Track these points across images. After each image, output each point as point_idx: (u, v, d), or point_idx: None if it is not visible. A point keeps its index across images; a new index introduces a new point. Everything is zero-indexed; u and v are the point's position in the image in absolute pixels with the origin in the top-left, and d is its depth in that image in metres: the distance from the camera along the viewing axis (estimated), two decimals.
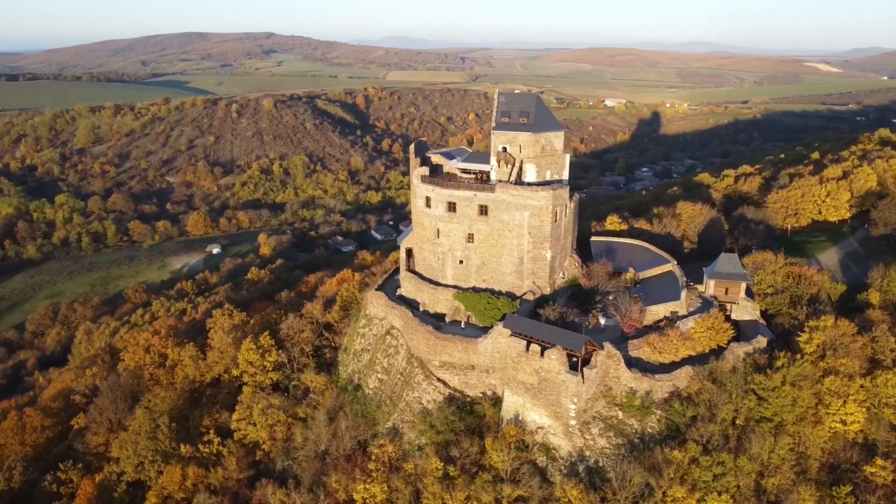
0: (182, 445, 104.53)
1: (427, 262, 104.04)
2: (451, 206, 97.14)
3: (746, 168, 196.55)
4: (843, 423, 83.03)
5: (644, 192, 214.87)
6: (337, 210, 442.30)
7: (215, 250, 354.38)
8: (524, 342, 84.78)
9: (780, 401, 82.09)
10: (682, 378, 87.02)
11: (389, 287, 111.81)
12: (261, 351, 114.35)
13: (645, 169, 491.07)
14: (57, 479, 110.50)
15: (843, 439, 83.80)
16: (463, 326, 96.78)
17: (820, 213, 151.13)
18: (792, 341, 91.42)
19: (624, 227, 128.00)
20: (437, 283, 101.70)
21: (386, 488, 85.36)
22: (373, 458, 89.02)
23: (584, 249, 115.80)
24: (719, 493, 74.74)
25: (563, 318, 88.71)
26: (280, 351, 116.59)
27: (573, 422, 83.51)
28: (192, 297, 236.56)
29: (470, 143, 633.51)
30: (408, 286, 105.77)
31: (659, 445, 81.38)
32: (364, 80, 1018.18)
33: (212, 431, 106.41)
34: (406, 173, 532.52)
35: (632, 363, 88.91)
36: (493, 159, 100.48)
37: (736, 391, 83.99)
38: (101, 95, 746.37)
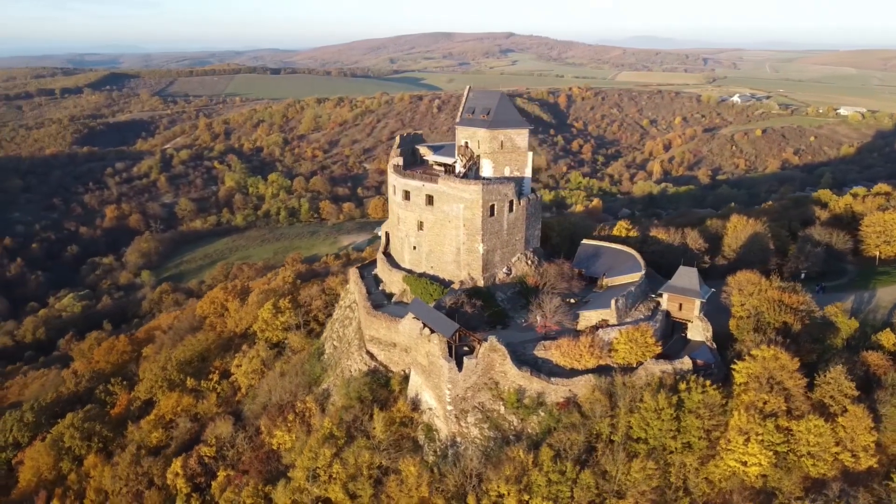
0: (189, 378, 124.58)
1: (394, 245, 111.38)
2: (406, 195, 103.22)
3: (882, 187, 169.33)
4: (744, 463, 75.63)
5: (732, 205, 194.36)
6: None
7: (380, 232, 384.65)
8: (421, 324, 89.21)
9: (661, 424, 77.38)
10: (581, 386, 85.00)
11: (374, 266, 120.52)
12: (276, 311, 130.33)
13: (859, 187, 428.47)
14: (106, 390, 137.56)
15: (742, 481, 76.23)
16: None
17: None
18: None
19: (633, 233, 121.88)
20: (397, 266, 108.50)
21: (294, 437, 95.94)
22: (295, 411, 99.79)
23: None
24: (543, 498, 73.39)
25: (459, 306, 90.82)
26: (294, 314, 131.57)
27: (450, 407, 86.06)
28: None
29: (666, 149, 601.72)
30: (379, 266, 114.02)
31: (526, 445, 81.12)
32: (591, 80, 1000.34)
33: (216, 372, 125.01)
34: (588, 174, 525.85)
35: (538, 363, 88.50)
36: (456, 153, 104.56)
37: (624, 407, 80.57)
38: (342, 89, 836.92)
